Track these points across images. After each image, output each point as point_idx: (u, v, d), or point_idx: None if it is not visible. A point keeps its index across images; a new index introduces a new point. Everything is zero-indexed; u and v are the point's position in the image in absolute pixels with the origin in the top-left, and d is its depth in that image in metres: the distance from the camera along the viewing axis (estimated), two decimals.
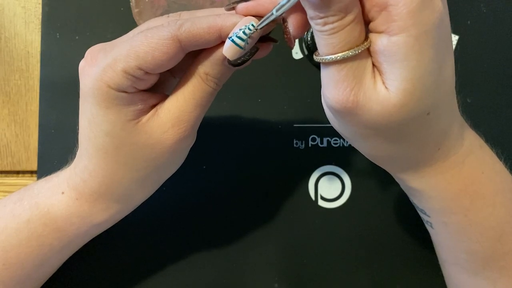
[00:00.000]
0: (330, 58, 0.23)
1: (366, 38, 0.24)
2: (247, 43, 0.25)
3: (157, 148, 0.28)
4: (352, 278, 0.39)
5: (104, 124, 0.27)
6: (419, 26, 0.22)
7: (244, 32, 0.25)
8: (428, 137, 0.27)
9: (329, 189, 0.40)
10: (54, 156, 0.39)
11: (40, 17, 0.40)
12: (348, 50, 0.23)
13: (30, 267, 0.32)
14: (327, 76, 0.24)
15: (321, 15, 0.22)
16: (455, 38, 0.40)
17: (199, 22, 0.25)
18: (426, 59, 0.23)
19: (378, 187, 0.39)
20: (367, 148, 0.28)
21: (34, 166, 0.40)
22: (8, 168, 0.40)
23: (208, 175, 0.39)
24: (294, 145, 0.40)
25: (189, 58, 0.28)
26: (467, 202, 0.29)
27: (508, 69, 0.40)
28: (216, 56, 0.27)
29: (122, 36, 0.28)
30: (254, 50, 0.27)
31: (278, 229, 0.39)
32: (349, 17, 0.23)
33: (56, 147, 0.39)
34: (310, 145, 0.40)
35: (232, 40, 0.25)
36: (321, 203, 0.39)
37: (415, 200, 0.32)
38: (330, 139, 0.40)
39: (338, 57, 0.23)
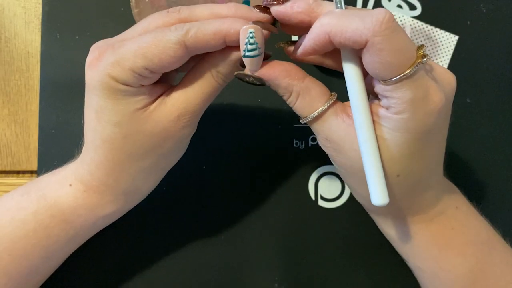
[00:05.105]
0: (303, 120, 0.29)
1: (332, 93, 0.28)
2: (259, 47, 0.26)
3: (163, 136, 0.29)
4: (352, 278, 0.39)
5: (112, 115, 0.28)
6: (415, 132, 0.26)
7: (250, 43, 0.26)
8: (398, 196, 0.29)
9: (329, 189, 0.40)
10: (54, 156, 0.39)
11: (40, 17, 0.40)
12: (315, 111, 0.28)
13: (36, 258, 0.32)
14: (314, 131, 0.29)
15: (278, 91, 0.28)
16: (455, 38, 0.40)
17: (204, 28, 0.26)
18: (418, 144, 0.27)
19: None
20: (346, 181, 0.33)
21: (34, 166, 0.40)
22: (8, 168, 0.40)
23: (208, 175, 0.39)
24: (294, 145, 0.40)
25: (195, 56, 0.28)
26: (435, 251, 0.31)
27: (508, 69, 0.40)
28: (230, 57, 0.28)
29: (127, 32, 0.29)
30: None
31: (278, 229, 0.39)
32: (294, 94, 0.28)
33: (56, 147, 0.39)
34: (310, 145, 0.40)
35: (248, 56, 0.27)
36: (321, 203, 0.39)
37: (393, 244, 0.34)
38: None
39: (308, 119, 0.28)
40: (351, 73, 0.26)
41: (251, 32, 0.26)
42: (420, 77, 0.25)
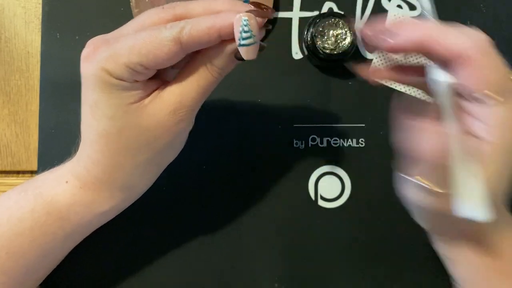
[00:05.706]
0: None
1: None
2: (255, 35, 0.26)
3: (158, 130, 0.29)
4: (352, 278, 0.39)
5: (107, 108, 0.28)
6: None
7: (244, 31, 0.26)
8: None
9: (329, 189, 0.40)
10: (54, 156, 0.39)
11: (40, 17, 0.40)
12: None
13: (32, 257, 0.32)
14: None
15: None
16: None
17: (199, 25, 0.26)
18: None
19: (378, 187, 0.39)
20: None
21: (34, 166, 0.40)
22: (8, 168, 0.40)
23: (208, 175, 0.39)
24: (294, 145, 0.40)
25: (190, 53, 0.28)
26: (494, 277, 0.30)
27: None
28: (225, 50, 0.28)
29: (123, 28, 0.29)
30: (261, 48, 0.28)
31: (278, 229, 0.39)
32: None
33: (56, 147, 0.39)
34: (310, 145, 0.40)
35: (243, 45, 0.26)
36: (321, 203, 0.39)
37: (449, 266, 0.33)
38: (330, 139, 0.40)
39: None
40: (444, 91, 0.27)
41: (245, 20, 0.26)
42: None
